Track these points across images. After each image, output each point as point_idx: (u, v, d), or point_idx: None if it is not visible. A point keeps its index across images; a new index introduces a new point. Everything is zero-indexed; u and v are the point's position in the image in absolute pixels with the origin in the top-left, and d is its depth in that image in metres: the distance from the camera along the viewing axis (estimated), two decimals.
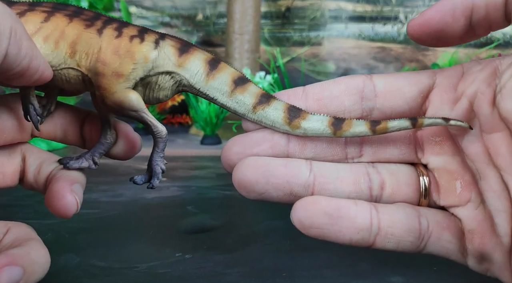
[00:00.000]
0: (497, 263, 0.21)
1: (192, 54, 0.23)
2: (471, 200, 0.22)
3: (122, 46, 0.22)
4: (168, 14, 1.49)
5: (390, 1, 1.46)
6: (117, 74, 0.22)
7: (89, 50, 0.22)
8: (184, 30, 1.48)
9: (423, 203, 0.23)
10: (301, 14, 1.47)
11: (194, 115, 0.96)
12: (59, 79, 0.23)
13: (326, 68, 1.47)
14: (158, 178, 0.24)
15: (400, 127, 0.22)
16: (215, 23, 1.47)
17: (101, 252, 0.31)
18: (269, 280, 0.27)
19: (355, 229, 0.22)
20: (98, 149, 0.24)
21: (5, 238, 0.22)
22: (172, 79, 0.23)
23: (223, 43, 1.38)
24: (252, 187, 0.22)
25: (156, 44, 0.23)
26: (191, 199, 0.47)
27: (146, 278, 0.27)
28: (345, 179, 0.23)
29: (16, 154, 0.24)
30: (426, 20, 0.21)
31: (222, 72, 0.23)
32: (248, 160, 0.23)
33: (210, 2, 1.48)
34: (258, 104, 0.23)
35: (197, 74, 0.23)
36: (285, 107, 0.23)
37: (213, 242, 0.33)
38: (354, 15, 1.47)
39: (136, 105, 0.22)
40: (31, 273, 0.20)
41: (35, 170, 0.24)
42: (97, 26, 0.22)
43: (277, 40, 1.47)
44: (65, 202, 0.22)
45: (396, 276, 0.27)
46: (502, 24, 0.21)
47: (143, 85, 0.23)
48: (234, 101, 0.23)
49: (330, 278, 0.27)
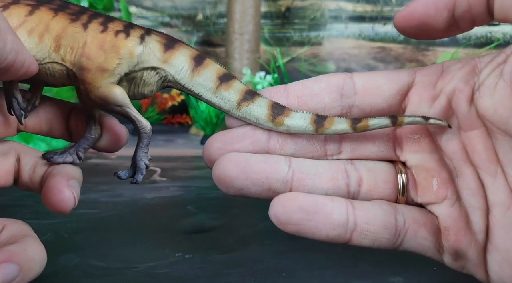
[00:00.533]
0: (472, 260, 0.22)
1: (177, 50, 0.23)
2: (447, 197, 0.22)
3: (107, 41, 0.22)
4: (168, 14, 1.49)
5: (390, 1, 1.46)
6: (101, 69, 0.22)
7: (74, 44, 0.22)
8: (184, 30, 1.48)
9: (400, 200, 0.24)
10: (301, 14, 1.47)
11: (194, 115, 0.96)
12: (43, 73, 0.23)
13: (326, 68, 1.47)
14: (141, 173, 0.24)
15: (380, 125, 0.22)
16: (215, 23, 1.47)
17: (101, 252, 0.31)
18: (269, 280, 0.27)
19: (331, 225, 0.22)
20: (82, 143, 0.24)
21: (1, 235, 0.22)
22: (157, 74, 0.23)
23: (223, 43, 1.38)
24: (232, 182, 0.22)
25: (142, 40, 0.23)
26: (191, 199, 0.47)
27: (146, 278, 0.27)
28: (323, 175, 0.23)
29: (10, 154, 0.24)
30: (411, 12, 0.21)
31: (207, 68, 0.23)
32: (228, 155, 0.23)
33: (210, 2, 1.48)
34: (243, 101, 0.23)
35: (182, 70, 0.23)
36: (269, 104, 0.23)
37: (213, 242, 0.33)
38: (354, 15, 1.46)
39: (121, 100, 0.22)
40: (27, 270, 0.20)
41: (30, 170, 0.24)
42: (82, 21, 0.22)
43: (277, 40, 1.47)
44: (62, 197, 0.22)
45: (396, 276, 0.27)
46: (486, 19, 0.21)
47: (128, 81, 0.23)
48: (218, 97, 0.23)
49: (330, 278, 0.27)
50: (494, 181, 0.21)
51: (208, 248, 0.32)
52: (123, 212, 0.41)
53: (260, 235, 0.35)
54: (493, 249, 0.21)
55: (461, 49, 1.36)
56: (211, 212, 0.42)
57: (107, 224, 0.38)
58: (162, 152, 0.82)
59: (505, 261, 0.20)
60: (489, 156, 0.21)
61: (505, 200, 0.21)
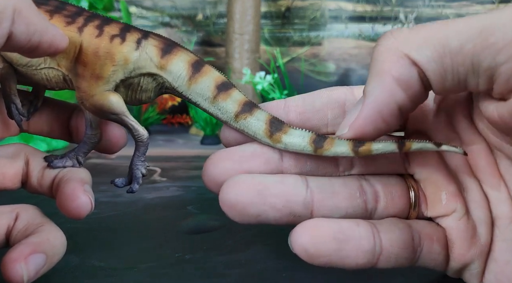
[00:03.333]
0: (472, 271, 0.21)
1: (175, 55, 0.22)
2: (456, 210, 0.22)
3: (102, 46, 0.21)
4: (168, 14, 1.49)
5: (390, 1, 1.46)
6: (96, 76, 0.21)
7: (69, 49, 0.21)
8: (184, 30, 1.48)
9: (412, 215, 0.23)
10: (301, 14, 1.47)
11: (194, 115, 0.96)
12: (40, 78, 0.23)
13: (326, 68, 1.47)
14: (138, 182, 0.23)
15: (385, 151, 0.20)
16: (215, 23, 1.47)
17: (101, 252, 0.31)
18: (269, 280, 0.27)
19: (362, 253, 0.21)
20: (82, 148, 0.24)
21: (17, 224, 0.23)
22: (155, 81, 0.22)
23: (223, 43, 1.38)
24: (246, 209, 0.21)
25: (138, 44, 0.22)
26: (191, 199, 0.47)
27: (146, 278, 0.27)
28: (341, 193, 0.22)
29: (19, 157, 0.24)
30: (362, 134, 0.20)
31: (206, 76, 0.22)
32: (239, 177, 0.21)
33: (210, 2, 1.48)
34: (241, 113, 0.22)
35: (179, 77, 0.22)
36: (268, 119, 0.22)
37: (213, 243, 0.33)
38: (354, 15, 1.46)
39: (116, 108, 0.22)
40: (52, 256, 0.21)
41: (38, 174, 0.24)
42: (78, 24, 0.22)
43: (277, 40, 1.47)
44: (79, 203, 0.22)
45: (396, 276, 0.27)
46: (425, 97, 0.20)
47: (125, 87, 0.22)
48: (216, 107, 0.22)
49: (330, 279, 0.27)
50: (497, 194, 0.21)
51: (208, 248, 0.32)
52: (123, 212, 0.41)
53: (260, 235, 0.35)
54: (493, 261, 0.21)
55: None
56: (211, 212, 0.42)
57: (107, 224, 0.38)
58: (162, 152, 0.82)
59: (502, 273, 0.21)
60: (492, 170, 0.21)
61: (508, 213, 0.21)
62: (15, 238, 0.22)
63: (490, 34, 0.16)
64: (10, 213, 0.23)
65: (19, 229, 0.22)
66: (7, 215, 0.23)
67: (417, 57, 0.18)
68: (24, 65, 0.22)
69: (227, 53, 1.18)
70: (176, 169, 0.63)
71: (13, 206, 0.23)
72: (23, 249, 0.20)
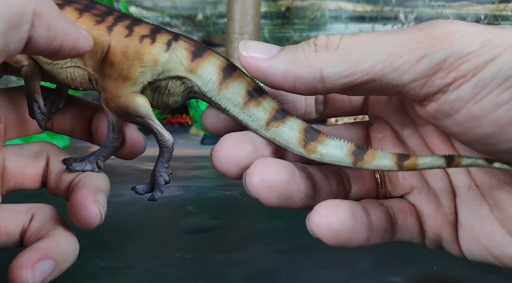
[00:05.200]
0: (446, 239, 0.22)
1: (206, 59, 0.21)
2: (414, 186, 0.23)
3: (131, 46, 0.20)
4: (168, 14, 1.49)
5: (390, 1, 1.46)
6: (123, 77, 0.21)
7: (97, 48, 0.21)
8: (184, 30, 1.48)
9: (380, 193, 0.24)
10: (301, 14, 1.47)
11: (194, 115, 0.96)
12: (65, 77, 0.22)
13: None
14: (160, 190, 0.22)
15: (432, 166, 0.19)
16: (215, 23, 1.47)
17: (101, 252, 0.31)
18: (269, 280, 0.27)
19: (364, 228, 0.21)
20: (103, 152, 0.23)
21: (32, 224, 0.22)
22: (183, 85, 0.21)
23: (223, 43, 1.38)
24: (282, 189, 0.20)
25: (168, 46, 0.21)
26: (191, 199, 0.47)
27: (146, 278, 0.27)
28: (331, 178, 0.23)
29: (41, 156, 0.24)
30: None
31: (237, 81, 0.21)
32: (265, 160, 0.20)
33: (210, 2, 1.48)
34: (272, 121, 0.21)
35: (209, 81, 0.21)
36: (302, 128, 0.21)
37: (213, 242, 0.33)
38: (354, 15, 1.47)
39: (143, 111, 0.21)
40: (61, 263, 0.21)
41: (56, 176, 0.23)
42: (108, 23, 0.21)
43: (277, 40, 1.47)
44: (89, 213, 0.21)
45: (396, 276, 0.27)
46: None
47: (152, 89, 0.22)
48: (246, 114, 0.21)
49: (330, 278, 0.27)
50: None
51: (208, 248, 0.32)
52: (123, 212, 0.42)
53: (260, 235, 0.35)
54: (461, 228, 0.22)
55: None
56: (211, 212, 0.42)
57: (107, 224, 0.38)
58: None
59: (471, 237, 0.22)
60: (446, 145, 0.22)
61: (466, 181, 0.22)
62: (28, 239, 0.22)
63: (397, 57, 0.18)
64: (26, 213, 0.22)
65: (33, 230, 0.22)
66: (22, 215, 0.22)
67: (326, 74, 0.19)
68: (50, 63, 0.22)
69: (227, 53, 1.18)
70: (176, 169, 0.63)
71: (30, 205, 0.23)
72: (32, 255, 0.20)
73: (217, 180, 0.56)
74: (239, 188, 0.50)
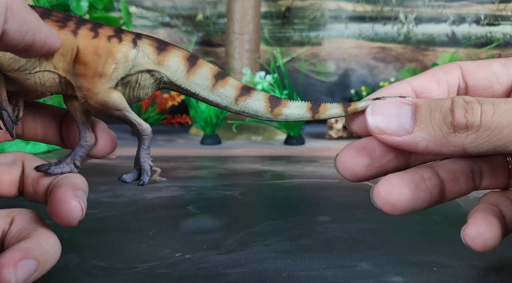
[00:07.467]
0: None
1: (170, 52, 0.24)
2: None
3: (101, 46, 0.22)
4: (168, 14, 1.49)
5: (390, 1, 1.46)
6: (99, 74, 0.22)
7: (65, 51, 0.22)
8: (184, 30, 1.48)
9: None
10: (301, 14, 1.47)
11: (194, 115, 0.96)
12: (32, 82, 0.23)
13: (326, 68, 1.47)
14: (147, 174, 0.24)
15: (366, 106, 0.23)
16: (215, 23, 1.47)
17: (101, 252, 0.31)
18: (268, 280, 0.27)
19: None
20: (78, 152, 0.24)
21: (12, 228, 0.22)
22: (152, 77, 0.24)
23: (223, 43, 1.38)
24: (404, 204, 0.22)
25: (134, 44, 0.23)
26: (191, 199, 0.47)
27: (146, 278, 0.27)
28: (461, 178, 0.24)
29: (17, 164, 0.24)
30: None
31: (202, 68, 0.24)
32: (390, 179, 0.22)
33: (210, 2, 1.48)
34: (240, 96, 0.24)
35: (177, 71, 0.24)
36: (266, 97, 0.24)
37: (213, 242, 0.33)
38: (354, 15, 1.47)
39: (120, 104, 0.23)
40: (45, 262, 0.20)
41: (33, 181, 0.23)
42: (71, 27, 0.22)
43: (277, 40, 1.47)
44: (69, 208, 0.21)
45: (396, 276, 0.27)
46: None
47: (123, 85, 0.23)
48: (216, 94, 0.24)
49: (330, 278, 0.27)
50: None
51: (208, 248, 0.32)
52: (123, 212, 0.42)
53: (260, 235, 0.35)
54: None
55: (461, 49, 1.36)
56: (211, 212, 0.42)
57: (107, 224, 0.38)
58: (162, 152, 0.82)
59: None
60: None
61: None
62: (8, 243, 0.22)
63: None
64: (5, 217, 0.22)
65: (13, 233, 0.22)
66: (2, 220, 0.22)
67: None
68: (16, 70, 0.22)
69: (227, 53, 1.18)
70: (176, 169, 0.63)
71: (9, 210, 0.23)
72: (13, 255, 0.19)
73: (217, 180, 0.56)
74: (239, 188, 0.50)
